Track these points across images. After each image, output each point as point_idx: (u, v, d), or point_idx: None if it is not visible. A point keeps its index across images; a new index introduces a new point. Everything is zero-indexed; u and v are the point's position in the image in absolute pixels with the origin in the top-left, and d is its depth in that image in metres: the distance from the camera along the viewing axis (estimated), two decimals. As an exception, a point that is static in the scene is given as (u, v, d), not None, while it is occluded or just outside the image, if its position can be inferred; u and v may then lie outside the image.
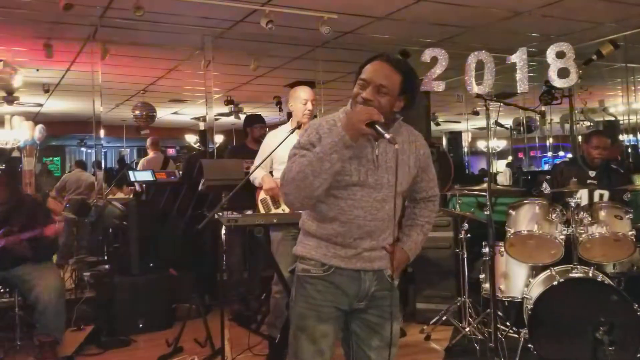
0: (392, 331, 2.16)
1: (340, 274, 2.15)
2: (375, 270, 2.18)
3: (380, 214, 2.13)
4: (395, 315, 2.22)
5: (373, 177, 2.12)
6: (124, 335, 4.77)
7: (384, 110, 2.06)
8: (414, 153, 2.23)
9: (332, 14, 5.85)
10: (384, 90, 2.07)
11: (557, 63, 4.67)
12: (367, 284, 2.17)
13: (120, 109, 11.51)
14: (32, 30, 6.34)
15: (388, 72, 2.08)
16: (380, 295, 2.20)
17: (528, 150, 14.64)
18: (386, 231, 2.16)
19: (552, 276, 3.86)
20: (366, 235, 2.14)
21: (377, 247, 2.16)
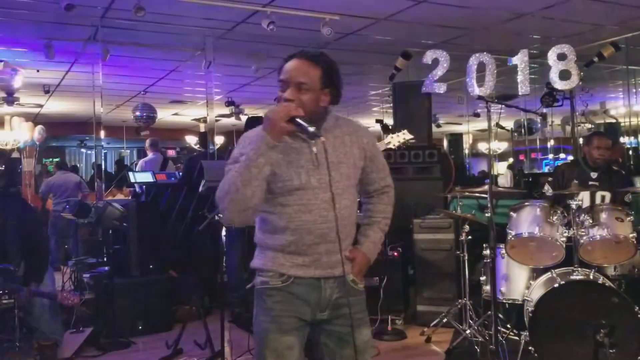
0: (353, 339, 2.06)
1: (300, 283, 2.05)
2: (337, 276, 2.07)
3: (330, 214, 2.00)
4: (365, 321, 2.17)
5: (315, 177, 2.02)
6: (124, 337, 4.76)
7: (309, 107, 1.99)
8: (357, 143, 2.13)
9: (334, 15, 5.85)
10: (305, 87, 2.00)
11: (559, 65, 4.67)
12: (329, 292, 2.08)
13: (120, 110, 11.52)
14: (33, 31, 6.33)
15: (306, 68, 2.02)
16: (344, 303, 2.07)
17: (529, 152, 14.62)
18: (343, 231, 2.04)
19: (553, 278, 3.85)
20: (320, 239, 2.03)
21: (335, 250, 2.02)
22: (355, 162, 2.12)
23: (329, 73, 2.05)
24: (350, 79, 9.54)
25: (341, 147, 2.08)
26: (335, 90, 2.08)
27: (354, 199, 2.13)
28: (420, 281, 5.15)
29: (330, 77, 2.05)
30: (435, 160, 5.99)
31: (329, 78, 2.04)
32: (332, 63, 2.08)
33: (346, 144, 2.10)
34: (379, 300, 4.93)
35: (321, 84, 2.03)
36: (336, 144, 2.07)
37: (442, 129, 13.96)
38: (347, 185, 2.08)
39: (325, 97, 2.06)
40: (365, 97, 11.66)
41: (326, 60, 2.07)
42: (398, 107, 6.40)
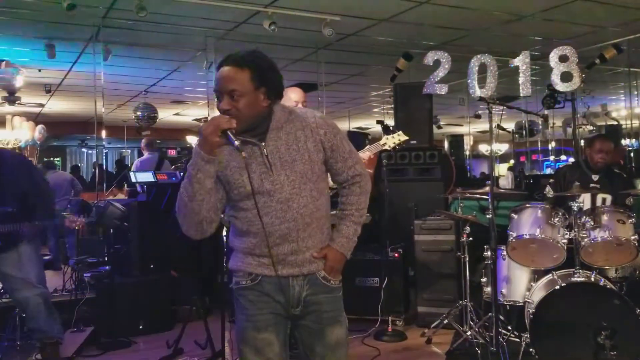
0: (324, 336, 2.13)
1: (268, 282, 2.07)
2: (306, 274, 2.08)
3: (288, 214, 2.01)
4: (338, 320, 2.17)
5: (269, 180, 2.02)
6: (124, 337, 4.76)
7: (248, 112, 1.97)
8: (311, 137, 2.06)
9: (335, 15, 5.85)
10: (237, 93, 1.96)
11: (560, 67, 4.66)
12: (297, 289, 2.08)
13: (121, 109, 11.52)
14: (35, 31, 6.34)
15: (233, 73, 1.97)
16: (316, 300, 2.10)
17: (530, 153, 14.62)
18: (306, 229, 2.04)
19: (554, 280, 3.85)
20: (281, 240, 2.03)
21: (300, 249, 2.05)
22: (312, 157, 2.06)
23: (259, 72, 1.99)
24: (351, 79, 9.56)
25: (294, 143, 2.04)
26: (271, 86, 2.02)
27: (317, 195, 2.08)
28: (421, 282, 5.15)
29: (260, 75, 1.99)
30: (436, 162, 5.99)
31: (259, 77, 1.98)
32: (260, 61, 2.01)
33: (299, 139, 2.05)
34: (379, 301, 4.94)
35: (253, 86, 1.98)
36: (289, 141, 2.04)
37: (443, 130, 13.98)
38: (304, 182, 2.04)
39: (263, 97, 2.01)
40: (366, 98, 11.66)
41: (253, 59, 2.00)
42: (399, 108, 6.40)
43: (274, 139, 2.03)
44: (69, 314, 4.82)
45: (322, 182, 2.12)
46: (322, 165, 2.11)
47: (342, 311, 2.21)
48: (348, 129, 13.72)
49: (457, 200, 4.75)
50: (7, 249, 3.93)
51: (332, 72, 8.69)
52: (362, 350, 4.47)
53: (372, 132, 13.42)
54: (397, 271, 5.13)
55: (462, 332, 4.38)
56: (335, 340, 2.13)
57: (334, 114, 12.87)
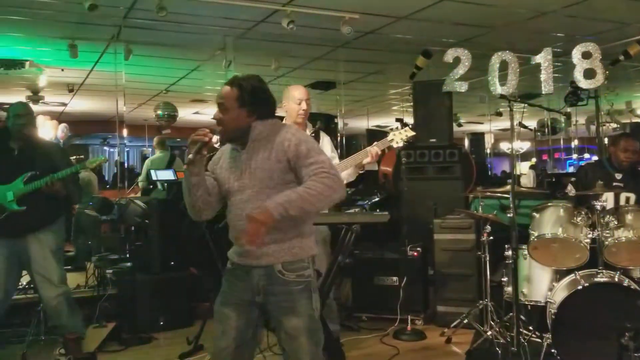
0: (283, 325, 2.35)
1: (238, 268, 2.43)
2: (263, 266, 2.34)
3: (244, 213, 2.28)
4: (294, 311, 2.33)
5: (238, 182, 2.39)
6: (145, 333, 4.82)
7: (230, 124, 2.37)
8: (276, 149, 2.34)
9: (354, 14, 5.82)
10: (223, 107, 2.37)
11: (583, 64, 4.60)
12: (256, 279, 2.36)
13: (142, 108, 11.62)
14: (57, 31, 6.42)
15: (225, 91, 2.38)
16: (272, 291, 2.35)
17: (552, 152, 14.45)
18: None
19: (577, 280, 3.80)
20: (240, 234, 2.29)
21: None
22: (272, 166, 2.34)
23: (244, 94, 2.36)
24: (369, 78, 9.52)
25: (262, 153, 2.36)
26: (253, 108, 2.37)
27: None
28: (440, 281, 5.12)
29: (245, 97, 2.36)
30: (456, 160, 5.96)
31: (244, 98, 2.36)
32: (250, 85, 2.39)
33: (267, 149, 2.36)
34: (398, 300, 4.92)
35: (238, 104, 2.36)
36: (260, 152, 2.36)
37: (463, 128, 13.85)
38: (262, 187, 2.33)
39: (246, 115, 2.37)
40: (385, 96, 11.61)
41: (244, 83, 2.38)
42: (418, 106, 6.38)
43: (252, 148, 2.37)
44: (91, 310, 4.88)
45: (285, 189, 2.30)
46: (285, 175, 2.34)
47: (302, 304, 2.36)
48: (367, 127, 13.70)
49: (478, 199, 4.71)
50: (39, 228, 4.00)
51: (350, 70, 8.67)
52: (380, 349, 4.46)
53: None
54: (416, 270, 5.11)
55: (483, 332, 4.35)
56: (291, 330, 2.34)
57: (353, 112, 12.84)
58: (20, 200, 3.90)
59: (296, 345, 2.34)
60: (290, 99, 4.02)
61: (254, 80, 2.42)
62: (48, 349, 4.40)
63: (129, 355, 4.48)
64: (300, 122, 4.04)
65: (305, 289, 2.37)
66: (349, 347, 4.40)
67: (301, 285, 2.36)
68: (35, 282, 4.15)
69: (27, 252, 4.01)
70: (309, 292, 2.38)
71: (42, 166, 3.95)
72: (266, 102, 2.43)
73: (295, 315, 2.34)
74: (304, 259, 2.39)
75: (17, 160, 4.00)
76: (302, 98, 3.99)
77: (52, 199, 3.97)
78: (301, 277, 2.36)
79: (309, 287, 2.38)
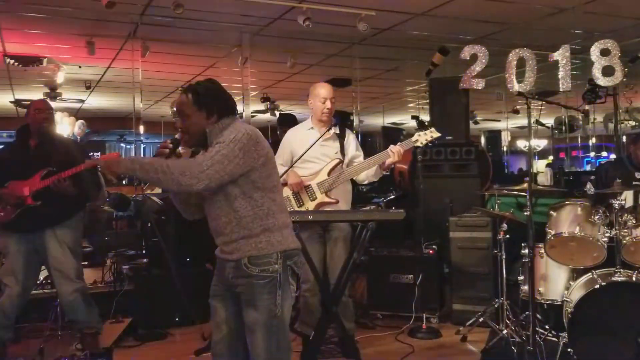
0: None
1: (218, 262, 2.57)
2: (234, 260, 2.44)
3: (212, 212, 2.48)
4: (253, 304, 2.39)
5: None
6: (161, 328, 4.85)
7: (193, 128, 2.47)
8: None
9: (370, 10, 5.81)
10: (183, 114, 2.47)
11: (602, 61, 4.55)
12: (227, 271, 2.48)
13: (159, 105, 11.70)
14: (75, 28, 6.48)
15: (181, 99, 2.48)
16: (237, 282, 2.44)
17: (570, 150, 14.30)
18: (226, 227, 2.44)
19: (594, 279, 3.76)
20: (215, 232, 2.51)
21: (227, 240, 2.45)
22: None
23: (199, 97, 2.45)
24: (386, 75, 9.49)
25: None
26: (209, 108, 2.45)
27: (229, 199, 2.41)
28: (456, 280, 5.10)
29: (201, 99, 2.45)
30: (473, 158, 5.92)
31: (199, 101, 2.45)
32: (202, 87, 2.49)
33: None
34: (413, 298, 4.91)
35: (195, 107, 2.46)
36: None
37: (480, 125, 13.77)
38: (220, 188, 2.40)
39: (206, 115, 2.46)
40: (401, 93, 11.57)
41: (197, 87, 2.48)
42: (435, 103, 6.34)
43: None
44: (107, 305, 4.93)
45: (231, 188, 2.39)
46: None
47: (263, 298, 2.39)
48: (382, 125, 13.66)
49: (494, 197, 4.68)
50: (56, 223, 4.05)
51: (366, 67, 8.65)
52: (395, 346, 4.46)
53: (406, 127, 13.34)
54: (431, 268, 5.09)
55: (498, 331, 4.32)
56: (250, 323, 2.40)
57: (369, 110, 12.82)
58: (36, 196, 3.94)
59: (253, 340, 2.39)
60: (315, 97, 4.04)
61: (206, 82, 2.54)
62: (65, 344, 4.45)
63: (144, 350, 4.51)
64: (325, 120, 4.05)
65: (268, 284, 2.39)
66: (364, 345, 4.40)
67: (264, 280, 2.39)
68: (53, 277, 4.21)
69: (44, 248, 4.06)
70: (274, 287, 2.39)
71: (59, 162, 3.99)
72: (223, 100, 2.51)
73: (254, 309, 2.39)
74: (271, 254, 2.40)
75: (35, 157, 4.05)
76: (326, 97, 4.00)
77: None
78: (265, 272, 2.39)
79: (274, 283, 2.39)
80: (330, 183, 3.91)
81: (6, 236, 4.09)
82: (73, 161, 3.95)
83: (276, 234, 2.43)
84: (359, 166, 4.00)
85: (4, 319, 4.03)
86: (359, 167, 4.00)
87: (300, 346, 4.10)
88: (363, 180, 4.15)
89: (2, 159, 4.22)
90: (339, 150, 4.06)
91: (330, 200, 3.90)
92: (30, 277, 4.15)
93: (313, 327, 3.84)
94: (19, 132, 4.21)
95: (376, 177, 4.10)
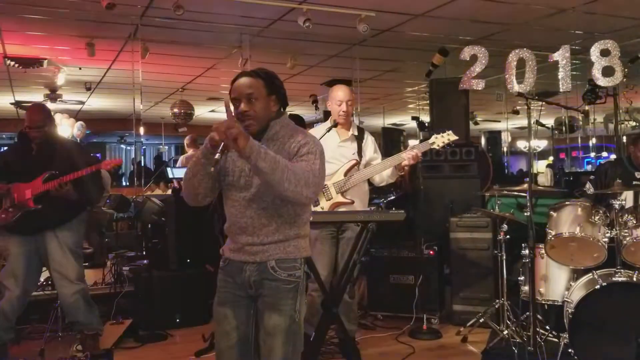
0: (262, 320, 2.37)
1: (231, 265, 2.43)
2: (257, 262, 2.35)
3: (248, 212, 2.34)
4: (278, 308, 2.33)
5: (244, 179, 2.35)
6: (161, 330, 4.85)
7: (261, 113, 2.32)
8: (284, 150, 2.33)
9: (370, 11, 5.81)
10: (251, 97, 2.31)
11: (602, 61, 4.55)
12: (248, 274, 2.37)
13: (159, 106, 11.70)
14: (75, 30, 6.48)
15: (249, 81, 2.33)
16: (260, 285, 2.36)
17: (570, 150, 14.29)
18: (263, 229, 2.33)
19: (594, 280, 3.76)
20: (240, 231, 2.36)
21: (257, 242, 2.34)
22: None
23: (270, 81, 2.37)
24: (386, 75, 9.49)
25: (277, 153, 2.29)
26: (280, 95, 2.40)
27: (280, 203, 2.31)
28: (457, 280, 5.10)
29: (272, 84, 2.37)
30: (473, 158, 5.92)
31: (271, 85, 2.37)
32: (270, 73, 2.41)
33: (279, 152, 2.30)
34: (414, 298, 4.91)
35: (266, 91, 2.35)
36: (272, 151, 2.26)
37: (480, 126, 13.75)
38: (267, 189, 2.27)
39: (273, 103, 2.38)
40: (402, 94, 11.57)
41: (264, 71, 2.40)
42: (435, 104, 6.34)
43: (264, 146, 2.24)
44: (108, 307, 4.94)
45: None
46: None
47: (286, 303, 2.36)
48: (383, 125, 13.65)
49: (494, 198, 4.68)
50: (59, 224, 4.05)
51: (366, 68, 8.64)
52: (396, 347, 4.45)
53: (407, 128, 13.32)
54: (432, 269, 5.09)
55: (499, 331, 4.32)
56: (271, 327, 2.34)
57: (369, 110, 12.81)
58: (38, 199, 3.94)
59: (272, 344, 2.34)
60: (332, 100, 4.10)
61: (265, 70, 2.43)
62: (65, 345, 4.45)
63: (145, 351, 4.51)
64: (343, 123, 4.08)
65: (293, 289, 2.37)
66: (365, 346, 4.40)
67: (290, 285, 2.37)
68: (53, 279, 4.22)
69: (45, 250, 4.07)
70: (296, 292, 2.38)
71: (61, 165, 3.99)
72: (284, 89, 2.45)
73: (277, 313, 2.35)
74: (297, 259, 2.39)
75: (36, 160, 4.05)
76: (342, 100, 4.04)
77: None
78: (292, 277, 2.37)
79: (296, 288, 2.38)
80: (345, 183, 3.92)
81: (7, 238, 4.09)
82: (75, 164, 3.96)
83: (302, 240, 2.43)
84: (375, 167, 4.03)
85: (4, 320, 4.03)
86: (375, 169, 4.03)
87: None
88: (379, 183, 4.19)
89: (5, 161, 4.23)
90: (356, 151, 4.09)
91: (345, 200, 3.92)
92: (31, 279, 4.16)
93: (315, 327, 3.84)
94: (20, 135, 4.21)
95: (392, 179, 4.14)
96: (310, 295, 3.99)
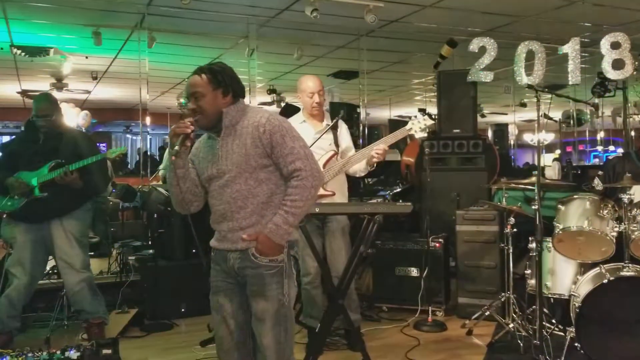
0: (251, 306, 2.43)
1: (217, 254, 2.52)
2: (240, 249, 2.41)
3: (224, 197, 2.41)
4: (263, 294, 2.38)
5: (216, 168, 2.43)
6: (167, 319, 4.86)
7: (208, 109, 2.41)
8: (251, 134, 2.39)
9: (378, 2, 5.77)
10: (197, 95, 2.41)
11: (612, 54, 4.50)
12: (232, 261, 2.44)
13: (165, 96, 11.70)
14: (82, 18, 6.47)
15: (195, 80, 2.43)
16: (244, 273, 2.42)
17: (577, 144, 14.22)
18: (240, 212, 2.39)
19: (602, 274, 3.73)
20: (221, 218, 2.44)
21: (236, 227, 2.40)
22: (248, 151, 2.38)
23: (214, 76, 2.44)
24: (393, 67, 9.45)
25: (238, 139, 2.41)
26: (227, 87, 2.45)
27: (254, 184, 2.38)
28: (462, 273, 5.08)
29: (215, 79, 2.43)
30: (480, 151, 5.90)
31: (216, 79, 2.43)
32: (215, 68, 2.47)
33: (242, 135, 2.41)
34: (419, 291, 4.90)
35: (212, 87, 2.42)
36: (236, 136, 2.42)
37: (487, 119, 13.70)
38: (239, 172, 2.38)
39: (222, 95, 2.44)
40: (409, 85, 11.53)
41: (210, 67, 2.47)
42: (442, 96, 6.30)
43: (227, 134, 2.43)
44: (113, 296, 4.95)
45: (262, 173, 2.40)
46: (262, 159, 2.39)
47: (272, 288, 2.40)
48: (389, 117, 13.61)
49: (501, 191, 4.65)
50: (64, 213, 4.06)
51: (374, 59, 8.61)
52: (401, 339, 4.45)
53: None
54: (438, 261, 5.08)
55: (505, 325, 4.31)
56: (260, 312, 2.39)
57: (375, 102, 12.77)
58: (44, 187, 3.95)
59: (262, 329, 2.38)
60: (302, 92, 3.96)
61: (218, 64, 2.53)
62: (71, 334, 4.47)
63: (150, 341, 4.53)
64: (316, 114, 3.99)
65: (276, 274, 2.40)
66: (370, 337, 4.40)
67: (273, 270, 2.39)
68: (59, 268, 4.23)
69: (51, 238, 4.08)
70: (281, 276, 2.41)
71: (67, 154, 3.99)
72: (237, 80, 2.51)
73: (263, 298, 2.38)
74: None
75: (43, 149, 4.06)
76: (314, 90, 3.92)
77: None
78: (274, 262, 2.39)
79: (281, 272, 2.41)
80: (325, 175, 3.86)
81: (13, 226, 4.11)
82: (81, 153, 3.97)
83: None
84: (352, 158, 3.95)
85: (11, 308, 4.05)
86: (352, 160, 3.94)
87: (305, 338, 4.11)
88: (353, 174, 4.09)
89: (12, 150, 4.24)
90: (332, 142, 4.01)
91: (326, 192, 3.86)
92: (37, 267, 4.17)
93: (317, 319, 3.84)
94: (27, 124, 4.21)
95: (364, 172, 4.03)
96: (305, 289, 3.99)
